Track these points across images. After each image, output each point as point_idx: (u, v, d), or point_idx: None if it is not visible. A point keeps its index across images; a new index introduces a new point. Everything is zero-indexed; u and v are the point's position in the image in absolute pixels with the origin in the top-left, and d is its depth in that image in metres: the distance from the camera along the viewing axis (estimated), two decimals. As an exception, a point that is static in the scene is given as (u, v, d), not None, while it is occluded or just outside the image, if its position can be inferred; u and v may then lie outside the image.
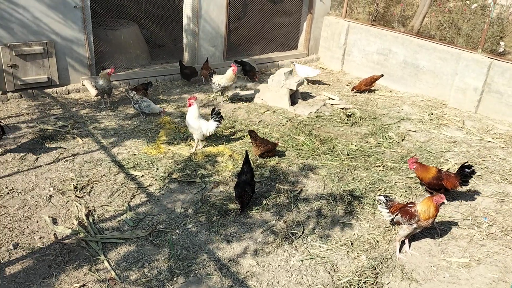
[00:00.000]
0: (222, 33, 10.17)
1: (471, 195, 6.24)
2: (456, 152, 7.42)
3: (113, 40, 9.61)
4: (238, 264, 4.74)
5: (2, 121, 6.36)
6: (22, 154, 6.46)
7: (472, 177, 5.79)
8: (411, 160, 5.92)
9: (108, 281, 4.39)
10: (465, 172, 5.72)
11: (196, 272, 4.59)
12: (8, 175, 5.96)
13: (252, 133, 6.64)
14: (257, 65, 10.64)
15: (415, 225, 4.87)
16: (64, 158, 6.45)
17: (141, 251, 4.82)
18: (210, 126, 6.80)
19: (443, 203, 4.80)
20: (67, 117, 7.67)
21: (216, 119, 6.84)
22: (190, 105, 6.75)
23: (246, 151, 5.92)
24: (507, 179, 6.69)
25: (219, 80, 8.53)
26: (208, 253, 4.84)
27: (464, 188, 6.16)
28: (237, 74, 8.75)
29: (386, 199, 5.17)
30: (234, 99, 9.00)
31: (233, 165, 6.51)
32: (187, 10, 9.66)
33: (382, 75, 9.75)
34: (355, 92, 9.74)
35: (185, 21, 9.81)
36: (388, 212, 5.08)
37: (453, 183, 5.71)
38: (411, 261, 4.95)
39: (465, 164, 5.77)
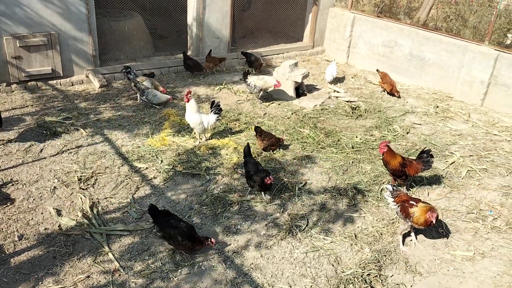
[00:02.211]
0: (226, 24, 10.10)
1: (476, 188, 6.21)
2: (462, 145, 7.37)
3: (116, 31, 9.58)
4: (242, 256, 4.75)
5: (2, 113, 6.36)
6: (26, 146, 6.47)
7: (431, 160, 5.82)
8: (383, 144, 5.85)
9: (113, 273, 4.41)
10: (424, 158, 5.79)
11: (201, 264, 4.60)
12: (12, 166, 5.97)
13: (257, 129, 6.63)
14: (262, 57, 10.58)
15: (409, 223, 4.86)
16: (68, 150, 6.46)
17: (145, 243, 4.83)
18: (210, 119, 6.78)
19: (431, 222, 4.73)
20: (71, 109, 7.67)
21: (216, 111, 6.82)
22: (188, 101, 6.69)
23: (248, 143, 5.94)
24: (512, 172, 6.65)
25: (255, 81, 8.22)
26: (212, 245, 4.86)
27: (425, 173, 6.20)
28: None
29: (393, 188, 5.19)
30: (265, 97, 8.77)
31: (238, 157, 6.50)
32: (191, 1, 9.60)
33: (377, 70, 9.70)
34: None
35: (189, 12, 9.76)
36: (393, 201, 5.09)
37: (415, 170, 5.75)
38: (415, 254, 4.94)
39: (424, 150, 5.88)
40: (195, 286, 4.33)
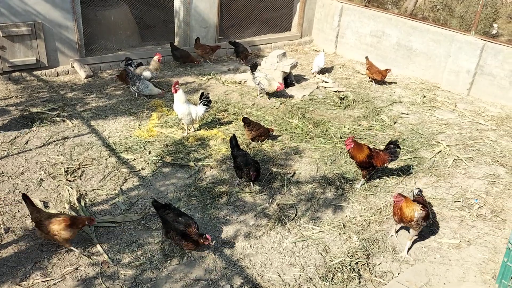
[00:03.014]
0: (214, 13, 10.01)
1: (462, 177, 6.29)
2: (448, 135, 7.45)
3: (102, 20, 9.43)
4: (231, 246, 4.76)
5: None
6: (11, 137, 6.37)
7: (398, 151, 5.84)
8: (349, 140, 5.73)
9: (101, 265, 4.39)
10: (391, 148, 5.79)
11: (190, 254, 4.60)
12: (-3, 158, 5.89)
13: (245, 120, 6.61)
14: (250, 47, 10.52)
15: (397, 219, 4.88)
16: (54, 141, 6.37)
17: (134, 235, 4.81)
18: (199, 111, 6.74)
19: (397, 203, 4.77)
20: (56, 100, 7.56)
21: (205, 103, 6.79)
22: (176, 91, 6.63)
23: (234, 134, 5.92)
24: (498, 161, 6.74)
25: (261, 79, 7.93)
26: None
27: (392, 164, 6.21)
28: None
29: (417, 192, 5.21)
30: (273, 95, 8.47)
31: (226, 148, 6.48)
32: (178, -10, 9.48)
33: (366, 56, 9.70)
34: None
35: (176, 1, 9.64)
36: None
37: (382, 160, 5.73)
38: (402, 242, 5.00)
39: (391, 141, 5.88)
40: (185, 277, 4.33)
